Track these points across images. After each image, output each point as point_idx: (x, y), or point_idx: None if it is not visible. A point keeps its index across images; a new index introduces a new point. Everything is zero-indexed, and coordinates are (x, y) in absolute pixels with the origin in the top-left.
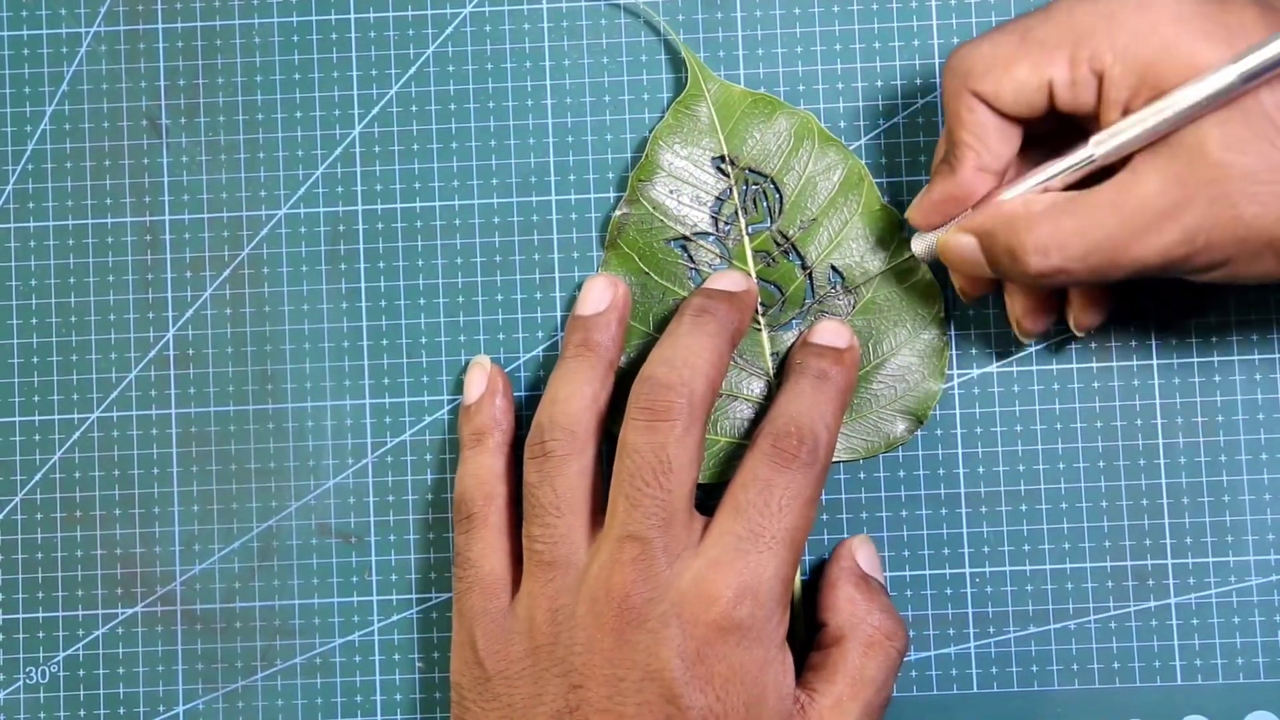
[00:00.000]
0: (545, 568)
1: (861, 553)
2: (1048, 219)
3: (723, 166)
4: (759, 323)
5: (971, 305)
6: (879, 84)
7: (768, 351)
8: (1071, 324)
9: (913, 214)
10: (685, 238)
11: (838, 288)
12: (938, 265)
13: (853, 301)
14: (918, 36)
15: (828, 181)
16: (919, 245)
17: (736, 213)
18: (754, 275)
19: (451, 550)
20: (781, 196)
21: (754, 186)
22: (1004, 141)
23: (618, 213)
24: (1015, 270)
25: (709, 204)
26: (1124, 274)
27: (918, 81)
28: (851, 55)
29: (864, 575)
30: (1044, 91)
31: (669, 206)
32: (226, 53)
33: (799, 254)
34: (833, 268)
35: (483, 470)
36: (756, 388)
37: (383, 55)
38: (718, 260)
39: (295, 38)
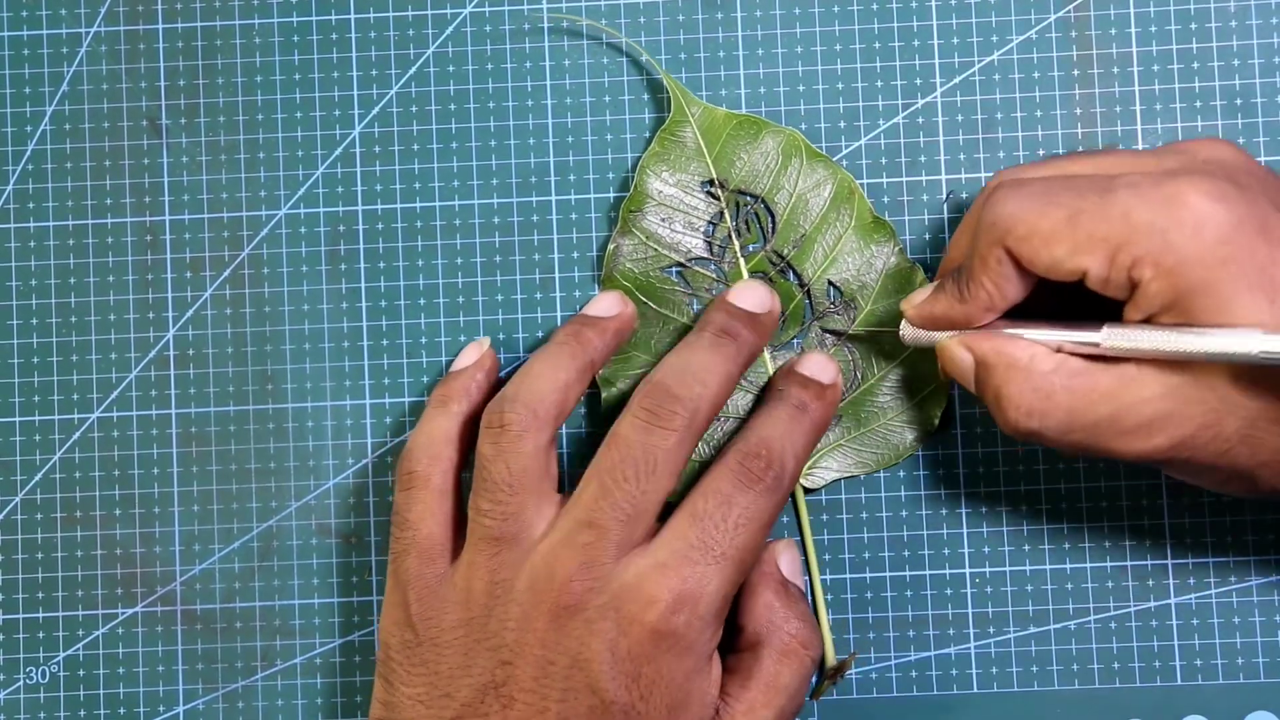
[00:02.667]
0: (491, 542)
1: (784, 558)
2: (1042, 382)
3: (713, 190)
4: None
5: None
6: (879, 84)
7: (769, 373)
8: None
9: (910, 313)
10: (681, 264)
11: (837, 303)
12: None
13: (853, 315)
14: (918, 37)
15: (818, 197)
16: (908, 332)
17: (730, 236)
18: None
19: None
20: (774, 216)
21: (746, 208)
22: (1019, 291)
23: (611, 245)
24: (994, 410)
25: (702, 229)
26: (1097, 456)
27: (917, 82)
28: (851, 56)
29: (784, 582)
30: (1076, 275)
31: (662, 235)
32: (226, 53)
33: (795, 272)
34: (830, 283)
35: (435, 431)
36: (750, 406)
37: (383, 55)
38: (715, 285)
39: (295, 38)
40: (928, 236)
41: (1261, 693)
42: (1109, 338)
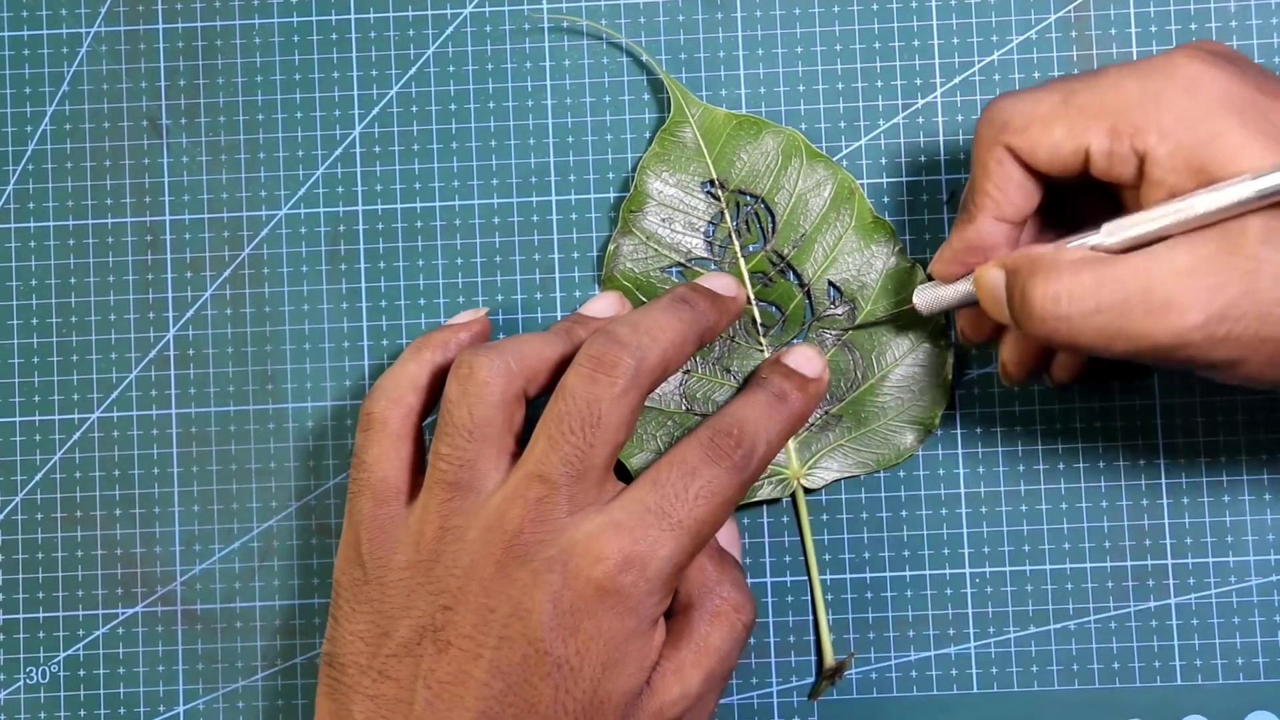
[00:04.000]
0: (446, 487)
1: (722, 528)
2: (1069, 268)
3: (713, 190)
4: (761, 344)
5: (971, 347)
6: (879, 84)
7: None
8: (1048, 375)
9: (934, 266)
10: (681, 265)
11: (837, 303)
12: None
13: (853, 316)
14: (918, 37)
15: (818, 198)
16: (921, 298)
17: (730, 236)
18: (753, 298)
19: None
20: (774, 216)
21: (746, 208)
22: (1026, 196)
23: (611, 245)
24: (1022, 311)
25: (702, 229)
26: (1128, 347)
27: (917, 82)
28: (851, 56)
29: (719, 549)
30: (1079, 156)
31: (662, 235)
32: (227, 53)
33: (795, 272)
34: (830, 283)
35: (402, 375)
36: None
37: (383, 55)
38: None
39: (295, 38)
40: (928, 236)
41: (1261, 693)
42: (1109, 232)
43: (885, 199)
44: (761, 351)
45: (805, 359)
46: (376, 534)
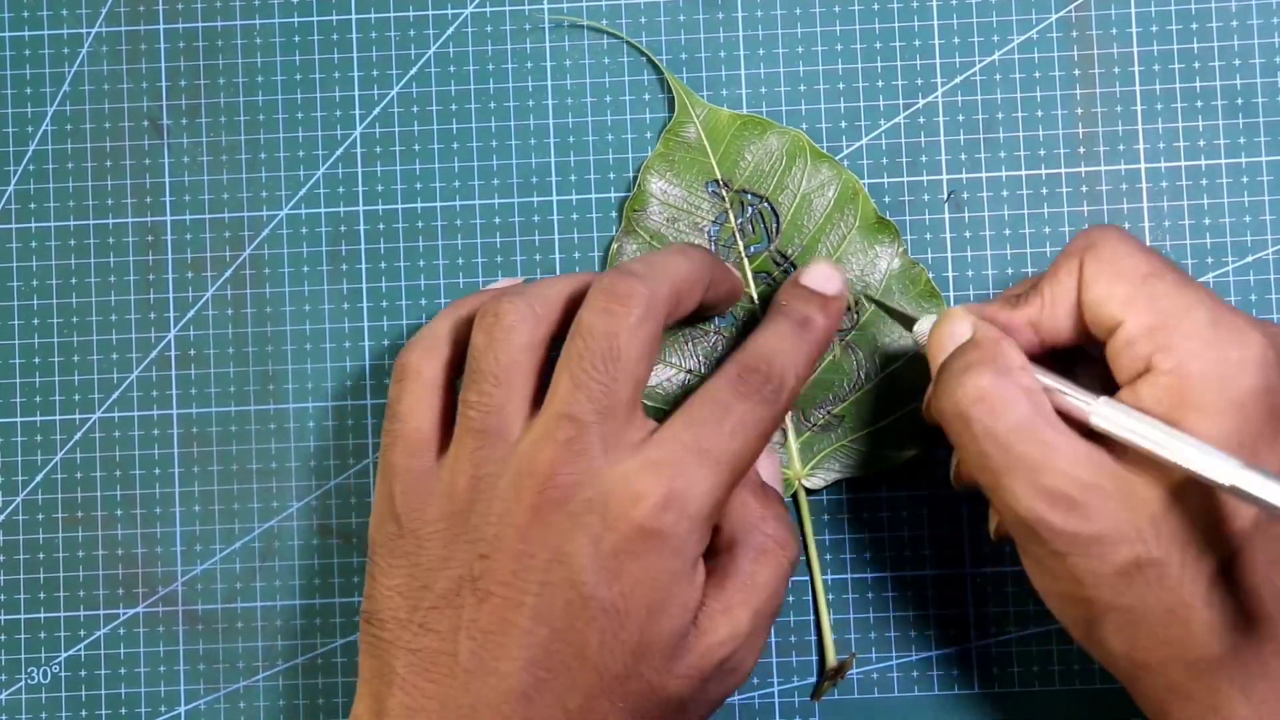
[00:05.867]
0: (476, 435)
1: (764, 462)
2: (1021, 400)
3: (717, 190)
4: None
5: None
6: (879, 84)
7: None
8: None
9: (961, 309)
10: None
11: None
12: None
13: (855, 317)
14: (918, 37)
15: (823, 198)
16: (924, 328)
17: (734, 236)
18: (756, 298)
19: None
20: (778, 216)
21: (750, 208)
22: (1068, 322)
23: (615, 244)
24: (942, 381)
25: (706, 229)
26: (990, 492)
27: (917, 82)
28: (851, 56)
29: (761, 484)
30: (1110, 323)
31: (666, 234)
32: (227, 53)
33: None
34: None
35: (438, 328)
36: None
37: (383, 56)
38: None
39: (296, 38)
40: (928, 236)
41: None
42: (1099, 414)
43: (886, 199)
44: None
45: (825, 277)
46: (410, 486)
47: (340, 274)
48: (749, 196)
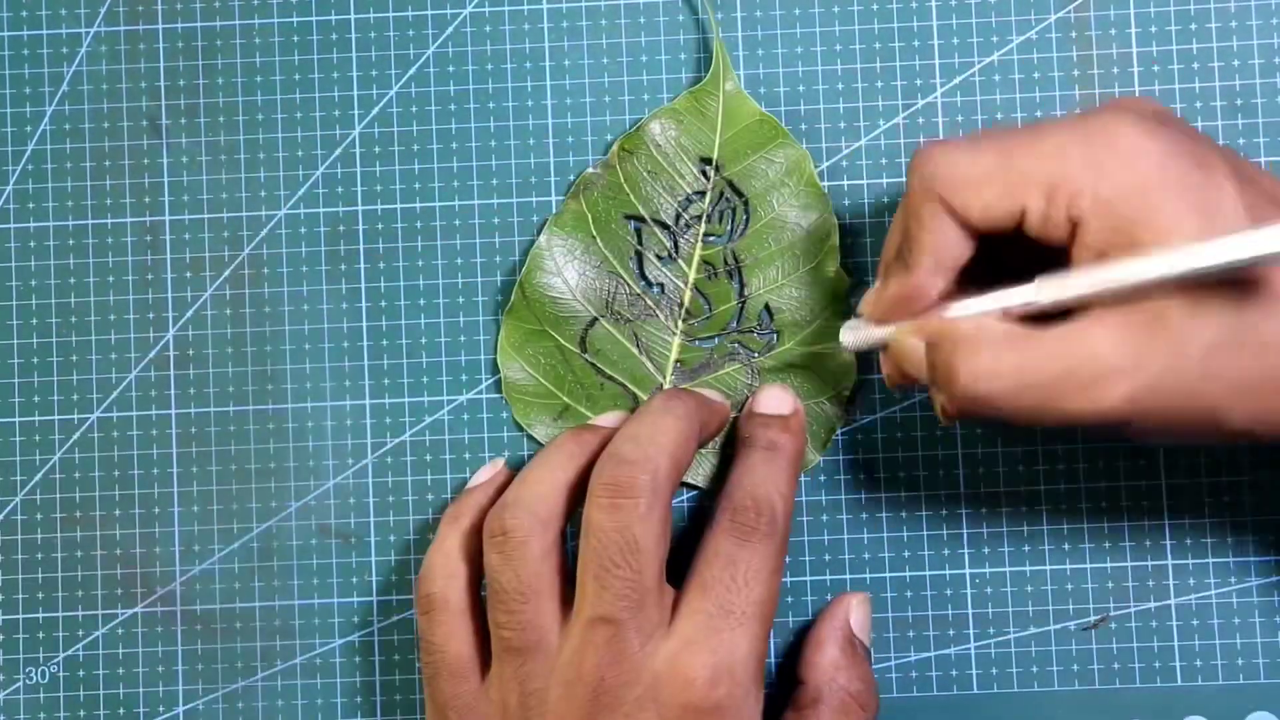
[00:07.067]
0: (514, 654)
1: (855, 613)
2: (991, 347)
3: (706, 169)
4: (675, 327)
5: (895, 392)
6: (879, 84)
7: (672, 356)
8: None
9: (866, 308)
10: (642, 219)
11: (765, 327)
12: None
13: (770, 346)
14: (918, 38)
15: (798, 226)
16: (849, 336)
17: (701, 218)
18: (692, 281)
19: (415, 632)
20: (748, 220)
21: (728, 200)
22: (960, 248)
23: (590, 170)
24: (947, 389)
25: (680, 197)
26: (1056, 421)
27: (917, 83)
28: (851, 56)
29: (851, 639)
30: (1014, 217)
31: (641, 184)
32: (226, 53)
33: (741, 280)
34: (767, 306)
35: (449, 549)
36: (649, 376)
37: (383, 55)
38: (664, 253)
39: (295, 38)
40: None
41: (1261, 693)
42: (1042, 288)
43: (885, 199)
44: (673, 335)
45: (776, 401)
46: (464, 712)
47: (340, 274)
48: (731, 189)
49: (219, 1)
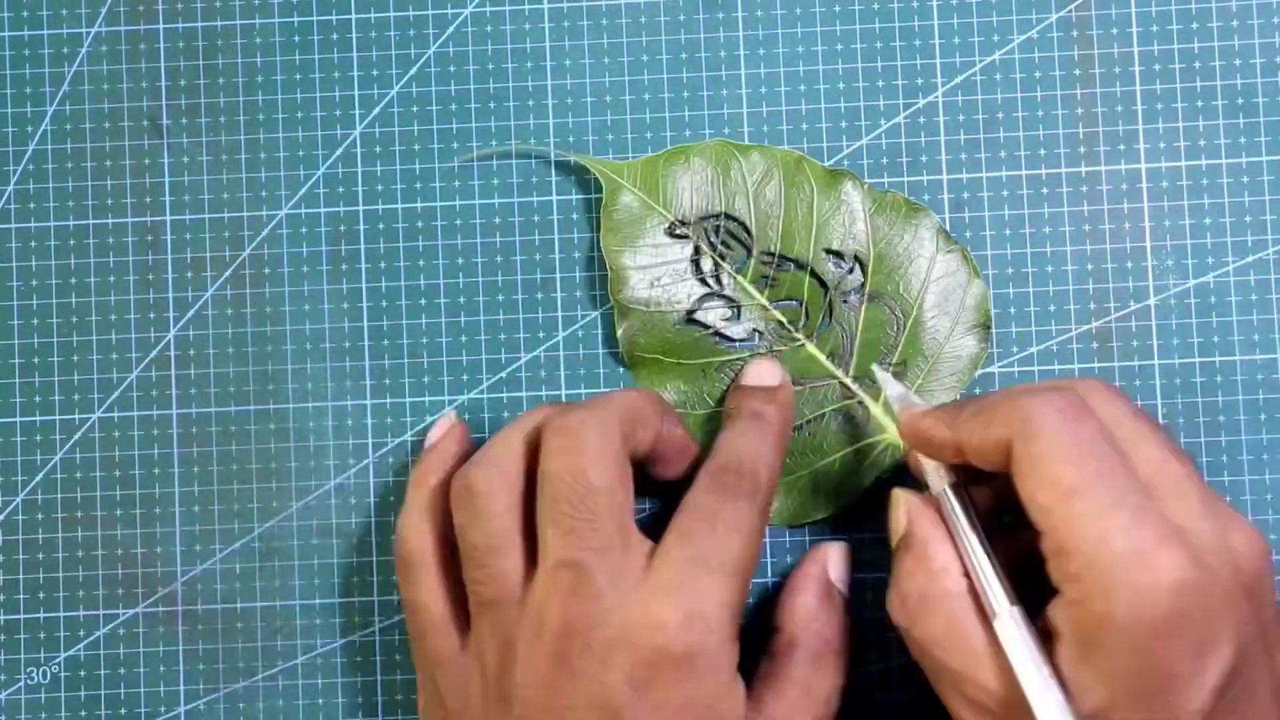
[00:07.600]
0: (488, 607)
1: (833, 561)
2: (932, 601)
3: (677, 231)
4: (798, 337)
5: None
6: (879, 84)
7: (822, 358)
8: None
9: (904, 414)
10: (689, 311)
11: (842, 267)
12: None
13: (864, 273)
14: (918, 37)
15: (772, 184)
16: (905, 418)
17: (716, 262)
18: (768, 304)
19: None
20: (743, 223)
21: (716, 231)
22: (990, 466)
23: (619, 331)
24: (890, 585)
25: (689, 271)
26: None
27: (917, 82)
28: (851, 56)
29: (829, 587)
30: (1018, 490)
31: (657, 297)
32: (227, 53)
33: (792, 260)
34: (827, 251)
35: (422, 511)
36: (834, 397)
37: (383, 55)
38: (729, 313)
39: (296, 38)
40: None
41: None
42: (1007, 621)
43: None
44: (802, 345)
45: (763, 372)
46: (449, 669)
47: (340, 274)
48: (709, 221)
49: (219, 1)
